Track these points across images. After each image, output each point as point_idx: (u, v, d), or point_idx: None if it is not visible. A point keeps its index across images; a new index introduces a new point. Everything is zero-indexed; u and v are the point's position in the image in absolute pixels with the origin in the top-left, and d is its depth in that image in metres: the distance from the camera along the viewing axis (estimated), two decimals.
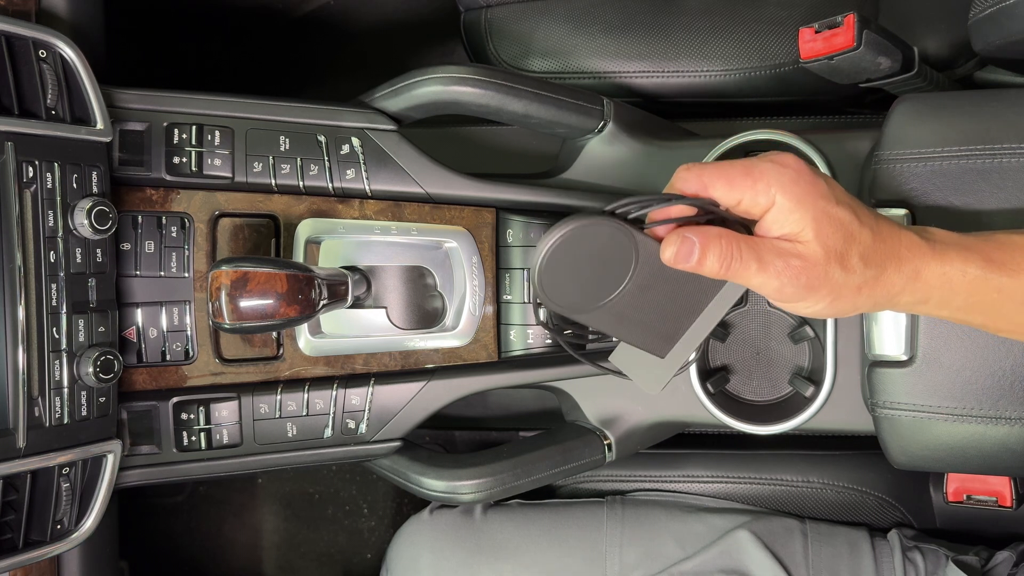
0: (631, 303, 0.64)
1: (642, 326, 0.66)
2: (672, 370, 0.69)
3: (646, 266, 0.62)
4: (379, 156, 0.84)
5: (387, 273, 0.85)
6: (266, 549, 1.54)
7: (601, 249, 0.61)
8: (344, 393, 0.83)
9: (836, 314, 0.62)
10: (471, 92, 0.83)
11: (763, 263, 0.59)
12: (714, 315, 0.67)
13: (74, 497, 0.71)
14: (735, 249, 0.59)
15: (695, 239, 0.59)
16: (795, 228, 0.59)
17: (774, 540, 0.99)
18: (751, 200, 0.59)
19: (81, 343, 0.71)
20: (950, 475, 1.00)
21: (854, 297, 0.61)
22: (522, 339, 0.90)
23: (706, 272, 0.60)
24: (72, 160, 0.70)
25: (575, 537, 1.01)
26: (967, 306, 0.64)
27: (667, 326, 0.66)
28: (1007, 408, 0.81)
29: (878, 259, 0.61)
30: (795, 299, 0.61)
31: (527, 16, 1.13)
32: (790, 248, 0.59)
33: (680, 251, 0.59)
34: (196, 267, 0.79)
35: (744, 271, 0.59)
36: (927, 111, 0.86)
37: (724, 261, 0.59)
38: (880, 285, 0.61)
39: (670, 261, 0.60)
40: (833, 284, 0.60)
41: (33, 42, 0.69)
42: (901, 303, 0.64)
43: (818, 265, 0.59)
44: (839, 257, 0.59)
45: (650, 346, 0.67)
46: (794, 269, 0.59)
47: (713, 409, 0.93)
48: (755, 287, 0.60)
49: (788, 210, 0.59)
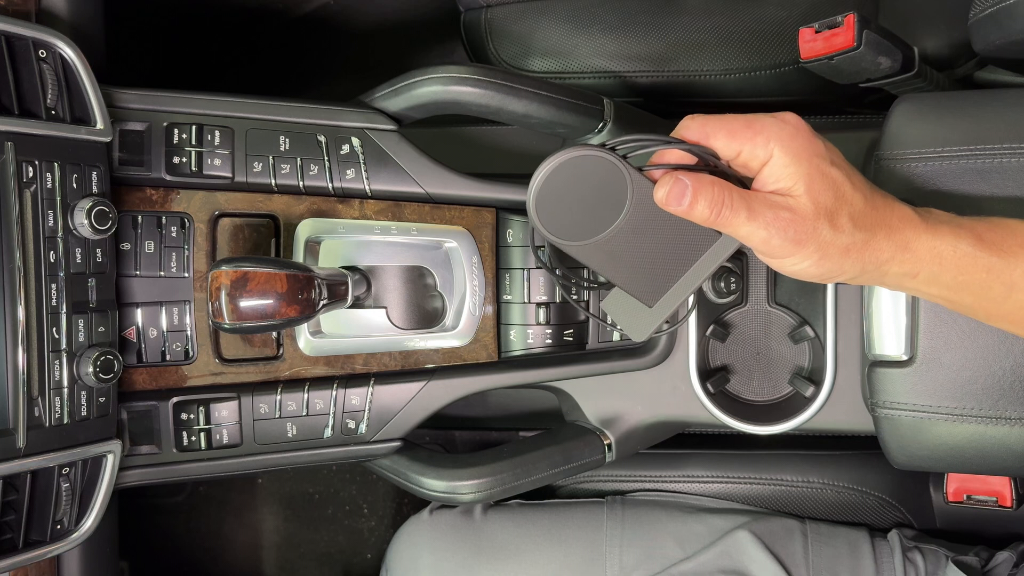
0: (624, 244, 0.65)
1: (633, 270, 0.67)
2: (658, 319, 0.69)
3: (640, 207, 0.64)
4: (379, 156, 0.84)
5: (387, 273, 0.85)
6: (266, 549, 1.54)
7: (598, 183, 0.63)
8: (344, 393, 0.83)
9: (822, 275, 0.63)
10: (471, 92, 0.83)
11: (753, 212, 0.60)
12: (704, 269, 0.67)
13: (74, 497, 0.71)
14: (727, 196, 0.60)
15: (688, 182, 0.60)
16: (789, 183, 0.60)
17: (774, 540, 0.99)
18: (750, 152, 0.60)
19: (81, 343, 0.71)
20: (950, 475, 1.00)
21: (841, 258, 0.61)
22: (522, 339, 0.90)
23: (696, 217, 0.61)
24: (72, 160, 0.70)
25: (575, 537, 1.01)
26: (956, 284, 0.64)
27: (658, 274, 0.67)
28: (1007, 408, 0.81)
29: (868, 223, 0.62)
30: (781, 253, 0.61)
31: (527, 16, 1.13)
32: (781, 201, 0.60)
33: (672, 191, 0.61)
34: (196, 267, 0.79)
35: (734, 219, 0.60)
36: (927, 111, 0.86)
37: (715, 207, 0.60)
38: (869, 250, 0.62)
39: (662, 201, 0.61)
40: (820, 241, 0.60)
41: (33, 42, 0.69)
42: (890, 275, 0.64)
43: (807, 220, 0.60)
44: (829, 215, 0.60)
45: (639, 292, 0.68)
46: (783, 221, 0.60)
47: (713, 409, 0.93)
48: (743, 237, 0.61)
49: (783, 164, 0.60)
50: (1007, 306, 0.65)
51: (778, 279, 0.95)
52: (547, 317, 0.90)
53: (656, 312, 0.69)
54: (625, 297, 0.69)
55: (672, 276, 0.67)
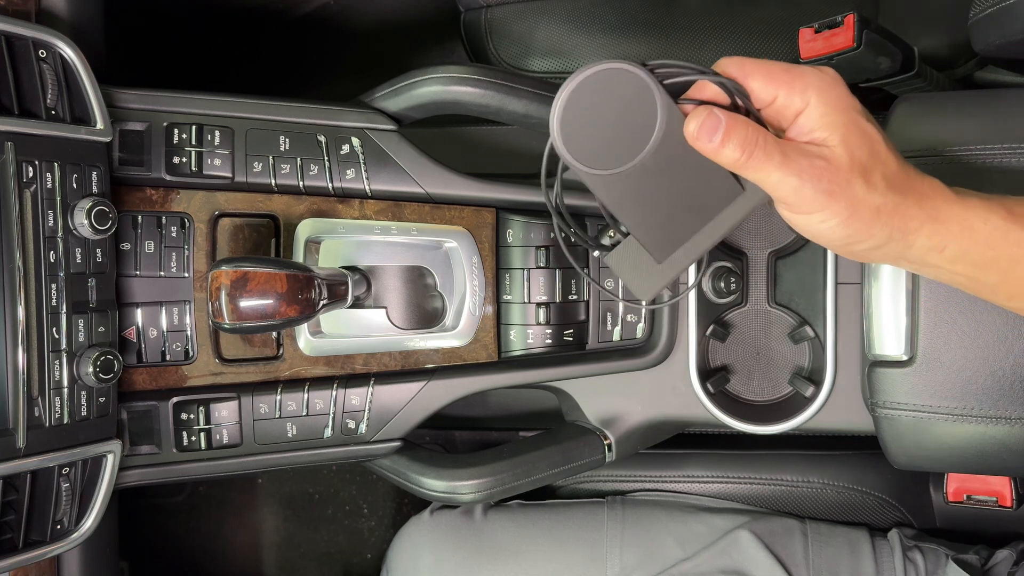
0: (644, 183, 0.60)
1: (649, 214, 0.62)
2: (665, 279, 0.65)
3: (668, 141, 0.59)
4: (379, 156, 0.84)
5: (387, 273, 0.85)
6: (266, 549, 1.54)
7: (627, 106, 0.58)
8: (344, 393, 0.83)
9: (848, 236, 0.60)
10: (471, 92, 0.83)
11: (787, 158, 0.57)
12: (722, 225, 0.63)
13: (74, 497, 0.71)
14: (761, 138, 0.56)
15: (722, 117, 0.57)
16: (824, 133, 0.57)
17: (774, 540, 0.99)
18: (786, 98, 0.58)
19: (81, 343, 0.71)
20: (950, 475, 1.00)
21: (871, 220, 0.58)
22: (522, 339, 0.90)
23: (725, 158, 0.57)
24: (72, 160, 0.70)
25: (576, 538, 1.01)
26: (984, 261, 0.61)
27: (674, 224, 0.63)
28: (1007, 408, 0.81)
29: (901, 186, 0.59)
30: (810, 207, 0.58)
31: (527, 16, 1.13)
32: (816, 151, 0.57)
33: (705, 124, 0.57)
34: (196, 267, 0.79)
35: (766, 162, 0.57)
36: (927, 111, 0.86)
37: (748, 147, 0.56)
38: (898, 215, 0.59)
39: (692, 135, 0.58)
40: (852, 196, 0.57)
41: (33, 42, 0.69)
42: (915, 246, 0.61)
43: (842, 171, 0.57)
44: (863, 170, 0.57)
45: (651, 243, 0.64)
46: (817, 169, 0.57)
47: (713, 409, 0.93)
48: (772, 185, 0.58)
49: (821, 114, 0.57)
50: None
51: (778, 279, 0.95)
52: (547, 317, 0.90)
53: (664, 270, 0.65)
54: (633, 251, 0.65)
55: (688, 229, 0.63)
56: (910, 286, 0.83)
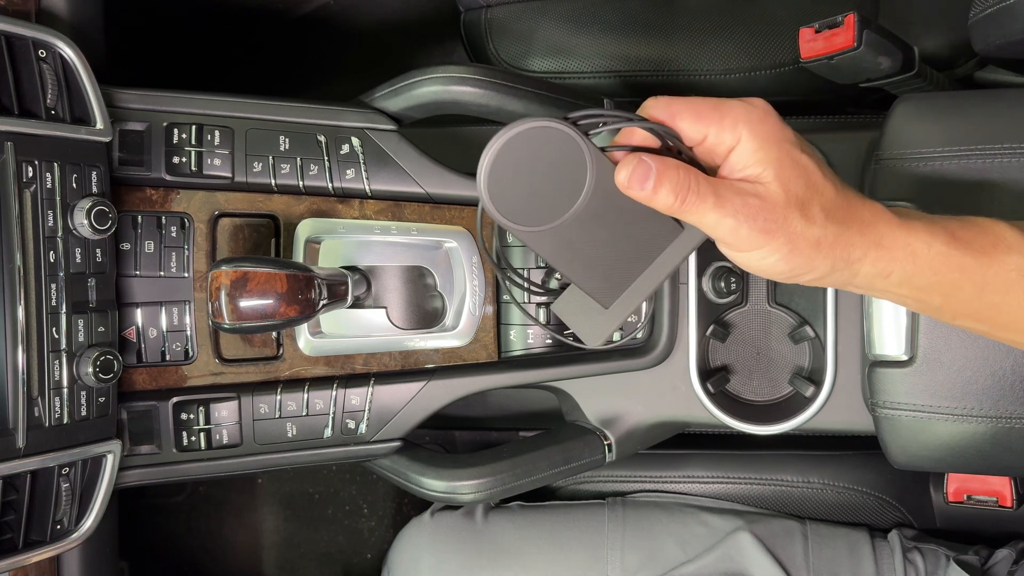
0: (581, 233, 0.60)
1: (589, 265, 0.62)
2: (615, 323, 0.65)
3: (600, 191, 0.59)
4: (379, 156, 0.84)
5: (387, 273, 0.85)
6: (266, 549, 1.54)
7: (555, 161, 0.58)
8: (344, 393, 0.83)
9: (790, 272, 0.60)
10: (471, 92, 0.83)
11: (720, 199, 0.56)
12: (665, 266, 0.63)
13: (74, 497, 0.71)
14: (692, 181, 0.56)
15: (652, 164, 0.56)
16: (758, 169, 0.57)
17: (775, 542, 0.99)
18: (716, 136, 0.57)
19: (81, 343, 0.71)
20: (950, 475, 1.00)
21: (812, 253, 0.58)
22: (522, 339, 0.90)
23: (659, 203, 0.57)
24: (72, 160, 0.70)
25: (576, 540, 1.01)
26: (928, 285, 0.61)
27: (615, 271, 0.63)
28: (1007, 408, 0.81)
29: (840, 216, 0.59)
30: (749, 245, 0.58)
31: (527, 16, 1.13)
32: (750, 188, 0.57)
33: (635, 173, 0.57)
34: (196, 267, 0.79)
35: (700, 205, 0.56)
36: (927, 111, 0.86)
37: (680, 192, 0.56)
38: (840, 245, 0.59)
39: (623, 184, 0.58)
40: (791, 232, 0.57)
41: (33, 42, 0.69)
42: (861, 274, 0.61)
43: (777, 208, 0.57)
44: (800, 204, 0.57)
45: (595, 291, 0.63)
46: (752, 208, 0.56)
47: (713, 409, 0.93)
48: (709, 226, 0.58)
49: (752, 149, 0.57)
50: (976, 304, 0.63)
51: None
52: (547, 317, 0.90)
53: (612, 315, 0.64)
54: (579, 298, 0.65)
55: (631, 274, 0.63)
56: None
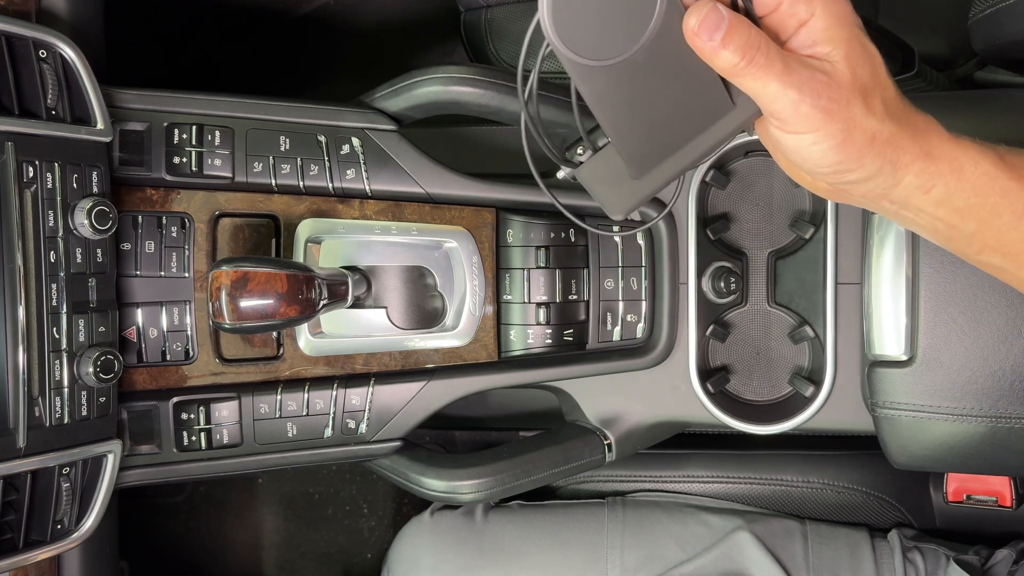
0: (632, 82, 0.56)
1: (633, 121, 0.57)
2: (642, 195, 0.61)
3: (663, 36, 0.53)
4: (379, 156, 0.84)
5: (387, 273, 0.85)
6: (266, 549, 1.54)
7: None
8: (344, 393, 0.83)
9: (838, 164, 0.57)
10: (471, 92, 0.83)
11: (788, 67, 0.53)
12: (706, 142, 0.59)
13: (74, 497, 0.71)
14: (763, 43, 0.52)
15: (725, 14, 0.52)
16: (828, 47, 0.54)
17: (775, 542, 0.99)
18: (790, 6, 0.54)
19: (81, 343, 0.71)
20: (950, 475, 1.00)
21: (865, 147, 0.55)
22: (522, 339, 0.90)
23: (723, 61, 0.53)
24: (72, 160, 0.70)
25: (576, 539, 1.01)
26: (966, 207, 0.59)
27: (655, 137, 0.58)
28: (1007, 408, 0.81)
29: (898, 115, 0.57)
30: (806, 125, 0.55)
31: (527, 16, 1.13)
32: (818, 64, 0.54)
33: (707, 20, 0.52)
34: (196, 267, 0.79)
35: (767, 70, 0.53)
36: (927, 111, 0.86)
37: (748, 51, 0.52)
38: (892, 146, 0.56)
39: (692, 31, 0.53)
40: (850, 118, 0.54)
41: (33, 42, 0.69)
42: (903, 184, 0.58)
43: (843, 88, 0.54)
44: (864, 91, 0.55)
45: (631, 153, 0.59)
46: (818, 83, 0.53)
47: (713, 409, 0.93)
48: (769, 97, 0.54)
49: (825, 26, 0.54)
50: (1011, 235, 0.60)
51: (778, 279, 0.95)
52: (547, 317, 0.90)
53: (641, 186, 0.60)
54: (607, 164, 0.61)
55: (670, 143, 0.59)
56: (910, 286, 0.83)
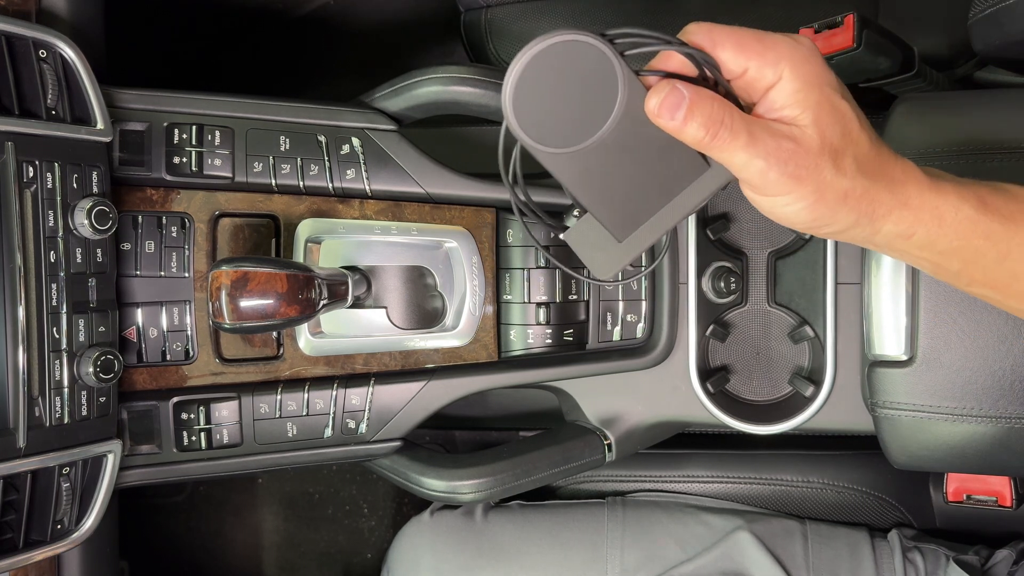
0: (604, 160, 0.57)
1: (609, 193, 0.59)
2: (627, 258, 0.62)
3: (628, 117, 0.55)
4: (379, 156, 0.84)
5: (387, 273, 0.85)
6: (266, 549, 1.54)
7: (586, 80, 0.54)
8: (344, 393, 0.83)
9: (812, 222, 0.57)
10: (471, 92, 0.83)
11: (753, 138, 0.53)
12: (686, 204, 0.60)
13: (74, 497, 0.71)
14: (726, 116, 0.53)
15: (685, 92, 0.53)
16: (796, 111, 0.54)
17: (774, 542, 0.99)
18: (757, 71, 0.54)
19: (81, 343, 0.71)
20: (950, 475, 1.00)
21: (837, 205, 0.56)
22: (522, 339, 0.90)
23: (688, 135, 0.54)
24: (72, 160, 0.70)
25: (576, 539, 1.01)
26: (950, 250, 0.59)
27: (635, 203, 0.60)
28: (1007, 408, 0.81)
29: (871, 170, 0.56)
30: (776, 190, 0.55)
31: (527, 16, 1.13)
32: (785, 130, 0.54)
33: (667, 101, 0.53)
34: (196, 267, 0.79)
35: (732, 142, 0.53)
36: (927, 111, 0.86)
37: (712, 126, 0.53)
38: (867, 200, 0.56)
39: (654, 111, 0.54)
40: (820, 181, 0.54)
41: (33, 42, 0.69)
42: (883, 232, 0.59)
43: (811, 154, 0.54)
44: (833, 153, 0.54)
45: (611, 222, 0.61)
46: (785, 152, 0.53)
47: (713, 409, 0.93)
48: (738, 167, 0.55)
49: (793, 90, 0.54)
50: (996, 272, 0.61)
51: (778, 279, 0.95)
52: (547, 317, 0.90)
53: (625, 248, 0.61)
54: (592, 228, 0.62)
55: (649, 207, 0.60)
56: (910, 286, 0.83)
